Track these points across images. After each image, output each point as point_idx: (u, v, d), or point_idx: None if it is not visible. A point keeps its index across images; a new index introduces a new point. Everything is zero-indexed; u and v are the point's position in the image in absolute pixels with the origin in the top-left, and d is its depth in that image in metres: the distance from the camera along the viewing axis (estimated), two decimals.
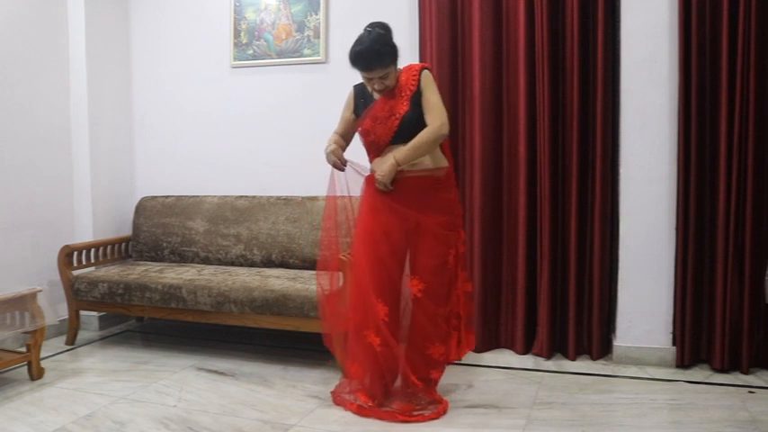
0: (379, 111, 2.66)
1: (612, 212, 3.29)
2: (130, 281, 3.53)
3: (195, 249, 3.94)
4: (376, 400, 2.70)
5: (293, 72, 3.91)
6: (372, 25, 2.65)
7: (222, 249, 3.87)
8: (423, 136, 2.59)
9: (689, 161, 3.05)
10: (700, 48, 3.01)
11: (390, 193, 2.65)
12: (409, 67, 2.72)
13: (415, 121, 2.63)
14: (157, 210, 4.08)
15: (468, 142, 3.43)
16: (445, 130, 2.61)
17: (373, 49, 2.57)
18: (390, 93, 2.68)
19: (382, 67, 2.59)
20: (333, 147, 2.76)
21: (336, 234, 2.87)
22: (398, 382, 2.73)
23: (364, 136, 2.73)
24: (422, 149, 2.60)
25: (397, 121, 2.63)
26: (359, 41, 2.62)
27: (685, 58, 3.01)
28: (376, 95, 2.73)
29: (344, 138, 2.85)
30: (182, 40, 4.17)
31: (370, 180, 2.72)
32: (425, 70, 2.68)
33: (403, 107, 2.64)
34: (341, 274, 2.91)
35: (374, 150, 2.73)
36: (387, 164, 2.60)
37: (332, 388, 2.88)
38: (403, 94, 2.65)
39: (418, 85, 2.65)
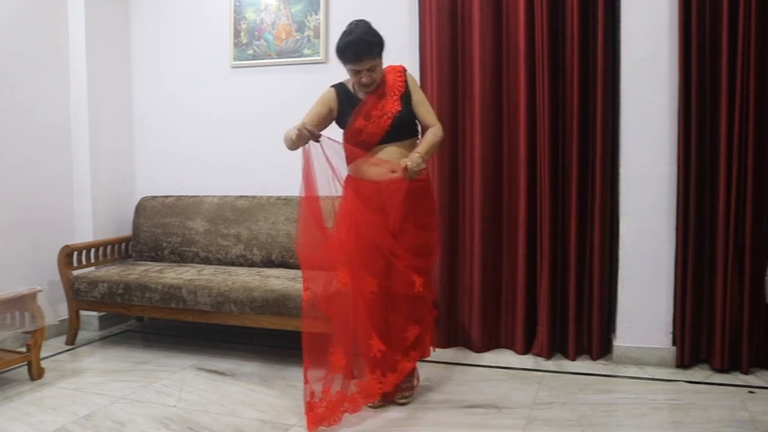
0: (372, 108, 2.66)
1: (612, 212, 3.29)
2: (130, 281, 3.53)
3: (195, 249, 3.94)
4: (377, 399, 2.72)
5: (293, 72, 3.91)
6: (356, 21, 2.67)
7: (222, 249, 3.87)
8: (433, 138, 2.72)
9: (689, 161, 3.05)
10: (700, 48, 3.01)
11: (378, 197, 2.64)
12: (392, 68, 2.76)
13: (406, 121, 2.70)
14: (157, 210, 4.08)
15: (468, 142, 3.43)
16: (443, 136, 2.80)
17: (364, 39, 2.58)
18: (381, 92, 2.69)
19: (371, 57, 2.60)
20: (300, 123, 2.61)
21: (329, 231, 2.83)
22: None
23: (355, 136, 2.68)
24: (434, 149, 2.76)
25: (390, 120, 2.65)
26: (348, 32, 2.63)
27: (685, 58, 3.01)
28: (361, 95, 2.72)
29: None
30: (182, 40, 4.17)
31: (350, 182, 2.72)
32: (407, 72, 2.77)
33: (395, 106, 2.67)
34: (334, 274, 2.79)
35: (362, 150, 2.71)
36: (414, 156, 2.59)
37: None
38: (392, 93, 2.69)
39: (406, 86, 2.72)
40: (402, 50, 3.44)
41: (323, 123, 2.80)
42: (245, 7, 3.99)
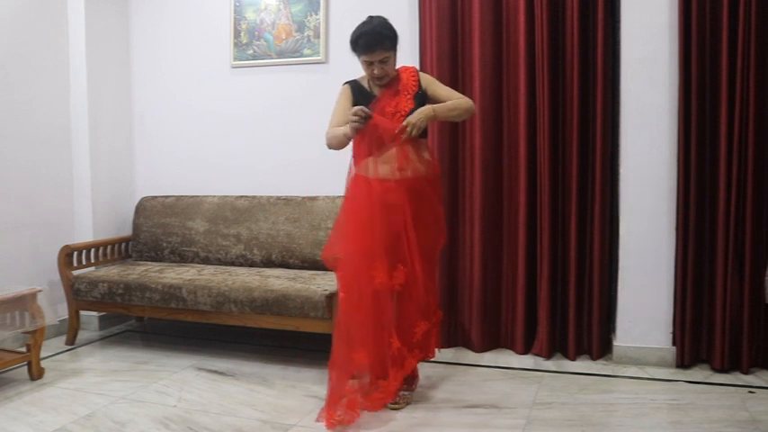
0: (386, 105, 2.69)
1: (612, 212, 3.29)
2: (130, 281, 3.53)
3: (195, 249, 3.94)
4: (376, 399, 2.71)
5: (293, 72, 3.91)
6: (373, 15, 2.72)
7: (222, 249, 3.87)
8: (460, 101, 2.72)
9: (689, 161, 3.05)
10: (700, 48, 3.01)
11: (386, 194, 2.64)
12: (405, 68, 2.80)
13: None
14: (157, 210, 4.08)
15: (468, 142, 3.43)
16: (475, 108, 2.79)
17: (377, 30, 2.63)
18: (394, 90, 2.72)
19: (383, 49, 2.63)
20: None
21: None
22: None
23: (371, 131, 2.68)
24: (457, 112, 2.73)
25: (403, 118, 2.66)
26: (364, 24, 2.68)
27: (685, 58, 3.01)
28: (376, 91, 2.74)
29: None
30: (182, 40, 4.17)
31: (360, 181, 2.72)
32: (420, 71, 2.81)
33: (408, 104, 2.70)
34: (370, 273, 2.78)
35: (375, 147, 2.71)
36: (423, 111, 2.60)
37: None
38: (407, 92, 2.72)
39: (419, 85, 2.74)
40: (402, 50, 3.43)
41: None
42: (245, 7, 3.99)
